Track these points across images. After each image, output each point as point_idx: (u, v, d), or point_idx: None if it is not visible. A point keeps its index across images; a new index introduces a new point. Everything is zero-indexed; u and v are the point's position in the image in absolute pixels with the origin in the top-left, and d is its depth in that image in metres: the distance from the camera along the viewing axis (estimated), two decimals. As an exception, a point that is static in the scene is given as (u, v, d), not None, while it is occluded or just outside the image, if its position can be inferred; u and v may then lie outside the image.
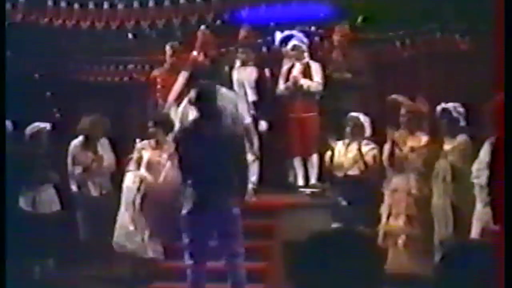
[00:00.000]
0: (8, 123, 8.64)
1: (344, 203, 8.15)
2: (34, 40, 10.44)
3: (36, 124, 8.88)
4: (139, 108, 10.40)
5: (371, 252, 7.55)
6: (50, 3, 10.88)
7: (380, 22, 9.71)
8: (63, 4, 10.89)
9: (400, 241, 7.79)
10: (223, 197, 6.40)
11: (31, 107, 9.65)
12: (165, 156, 8.52)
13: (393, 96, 8.31)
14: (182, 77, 9.50)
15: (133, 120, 10.48)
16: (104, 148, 9.13)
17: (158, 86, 9.75)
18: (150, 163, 8.58)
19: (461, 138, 7.85)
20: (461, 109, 7.87)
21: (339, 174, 8.40)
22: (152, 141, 8.67)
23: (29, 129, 8.82)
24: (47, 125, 8.92)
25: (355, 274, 2.48)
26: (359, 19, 9.81)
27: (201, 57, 9.63)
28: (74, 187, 9.00)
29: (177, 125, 8.33)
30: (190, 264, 6.55)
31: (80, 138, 9.09)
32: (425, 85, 9.43)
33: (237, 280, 6.53)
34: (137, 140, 8.87)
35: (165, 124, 8.68)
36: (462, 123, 7.91)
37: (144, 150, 8.70)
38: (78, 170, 9.01)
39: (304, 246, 2.51)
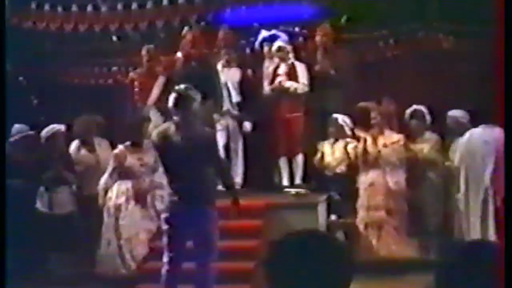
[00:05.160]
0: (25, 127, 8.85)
1: (337, 197, 8.67)
2: (16, 43, 10.37)
3: (52, 126, 8.92)
4: (123, 110, 10.35)
5: (358, 246, 8.00)
6: (33, 6, 10.84)
7: (364, 22, 9.73)
8: (46, 7, 10.85)
9: (383, 231, 8.32)
10: (198, 199, 6.39)
11: (15, 109, 9.60)
12: (146, 158, 8.42)
13: (361, 104, 8.75)
14: (160, 81, 9.52)
15: (117, 123, 10.42)
16: (102, 148, 9.11)
17: (136, 89, 9.73)
18: (131, 169, 8.48)
19: (431, 136, 8.58)
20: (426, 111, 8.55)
21: (328, 173, 8.91)
22: (128, 144, 8.51)
23: (45, 131, 8.87)
24: (62, 127, 8.95)
25: (343, 271, 2.49)
26: (343, 19, 9.83)
27: (182, 59, 9.62)
28: (73, 188, 8.97)
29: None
30: (165, 264, 6.57)
31: (78, 140, 9.12)
32: (408, 84, 9.47)
33: (206, 282, 6.56)
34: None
35: (145, 126, 8.66)
36: (428, 122, 8.63)
37: (124, 156, 8.51)
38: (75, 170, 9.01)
39: (290, 246, 2.51)
